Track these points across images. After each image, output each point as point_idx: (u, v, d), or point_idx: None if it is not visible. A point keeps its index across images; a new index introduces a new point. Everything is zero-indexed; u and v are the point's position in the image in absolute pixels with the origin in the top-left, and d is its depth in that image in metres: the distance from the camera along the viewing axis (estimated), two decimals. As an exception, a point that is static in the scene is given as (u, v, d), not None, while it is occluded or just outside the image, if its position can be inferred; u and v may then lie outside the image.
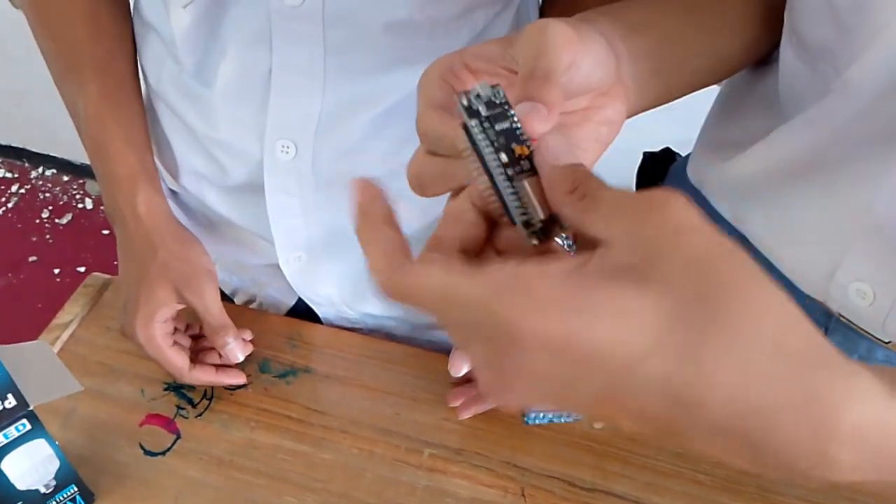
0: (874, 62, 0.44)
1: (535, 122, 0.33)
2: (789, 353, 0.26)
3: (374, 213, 0.32)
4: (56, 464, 0.60)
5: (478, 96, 0.32)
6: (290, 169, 0.66)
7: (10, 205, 2.21)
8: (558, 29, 0.36)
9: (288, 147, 0.65)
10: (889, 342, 0.57)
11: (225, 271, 0.84)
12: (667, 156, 0.73)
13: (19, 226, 2.16)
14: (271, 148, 0.65)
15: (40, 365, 0.59)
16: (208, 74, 0.65)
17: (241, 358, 0.71)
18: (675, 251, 0.26)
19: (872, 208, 0.50)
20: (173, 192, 0.79)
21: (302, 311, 0.83)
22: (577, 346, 0.26)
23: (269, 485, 0.66)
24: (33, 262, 2.06)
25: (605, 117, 0.40)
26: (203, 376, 0.70)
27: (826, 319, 0.59)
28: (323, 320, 0.83)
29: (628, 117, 0.44)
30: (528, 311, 0.26)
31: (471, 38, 0.64)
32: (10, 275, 2.03)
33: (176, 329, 0.72)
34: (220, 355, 0.71)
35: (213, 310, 0.69)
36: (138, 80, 0.73)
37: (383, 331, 0.84)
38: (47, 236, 2.13)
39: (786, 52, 0.54)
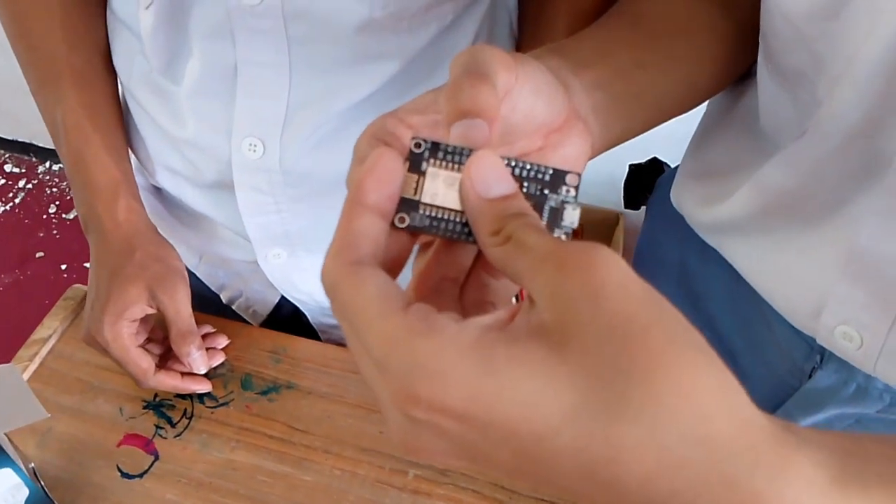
0: (845, 95, 0.41)
1: (476, 140, 0.29)
2: (710, 439, 0.23)
3: (368, 199, 0.28)
4: (25, 492, 0.58)
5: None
6: (258, 167, 0.65)
7: (17, 200, 2.21)
8: (491, 50, 0.32)
9: (255, 145, 0.63)
10: None
11: (210, 266, 0.82)
12: (654, 167, 0.70)
13: (26, 221, 2.15)
14: (238, 146, 0.64)
15: (7, 391, 0.58)
16: (176, 72, 0.63)
17: (204, 370, 0.69)
18: (594, 315, 0.24)
19: (854, 249, 0.47)
20: (156, 189, 0.77)
21: (288, 308, 0.82)
22: (481, 415, 0.24)
23: (249, 508, 0.64)
24: (40, 257, 2.06)
25: (564, 156, 0.37)
26: (167, 380, 0.68)
27: (822, 348, 0.56)
28: (309, 317, 0.82)
29: (597, 153, 0.41)
30: (427, 374, 0.24)
31: (439, 31, 0.61)
32: (17, 270, 2.03)
33: (149, 339, 0.70)
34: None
35: (182, 312, 0.67)
36: (116, 86, 0.72)
37: None
38: (54, 231, 2.12)
39: (763, 78, 0.51)
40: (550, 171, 0.30)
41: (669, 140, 0.90)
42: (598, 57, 0.43)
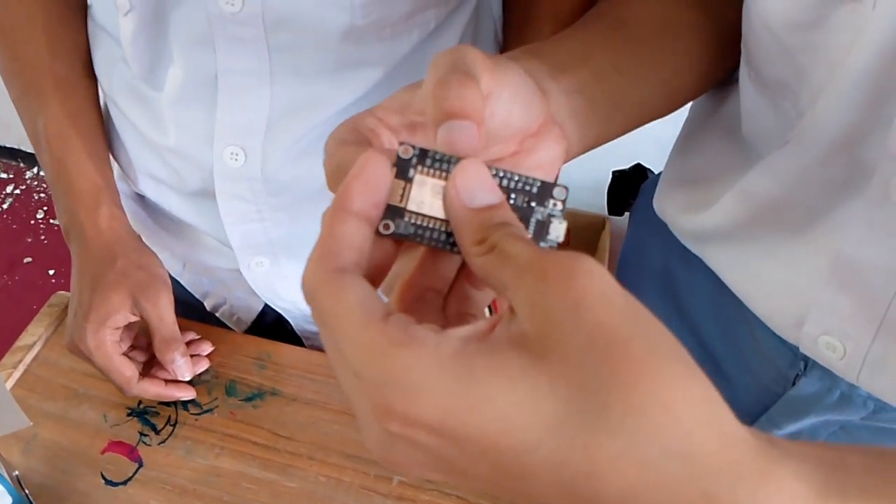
0: (828, 105, 0.41)
1: (464, 143, 0.29)
2: (691, 454, 0.23)
3: (354, 205, 0.28)
4: (9, 500, 0.58)
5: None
6: (241, 175, 0.65)
7: (5, 205, 2.20)
8: (473, 51, 0.32)
9: (237, 154, 0.63)
10: None
11: (194, 273, 0.82)
12: (637, 173, 0.70)
13: (14, 226, 2.14)
14: (220, 154, 0.64)
15: (-11, 399, 0.57)
16: (158, 78, 0.63)
17: (189, 376, 0.69)
18: (576, 326, 0.23)
19: (839, 259, 0.47)
20: (139, 196, 0.77)
21: (272, 315, 0.82)
22: (458, 428, 0.24)
23: (233, 515, 0.64)
24: (28, 262, 2.05)
25: (538, 161, 0.37)
26: (151, 388, 0.68)
27: (805, 356, 0.56)
28: (293, 324, 0.82)
29: (573, 156, 0.41)
30: (403, 387, 0.24)
31: (422, 38, 0.61)
32: (5, 276, 2.02)
33: (134, 347, 0.70)
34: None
35: (166, 319, 0.67)
36: (98, 93, 0.72)
37: None
38: (42, 237, 2.11)
39: (745, 85, 0.51)
40: (538, 184, 0.30)
41: (653, 146, 0.90)
42: (578, 60, 0.43)
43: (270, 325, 0.83)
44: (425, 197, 0.29)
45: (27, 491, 0.64)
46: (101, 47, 0.68)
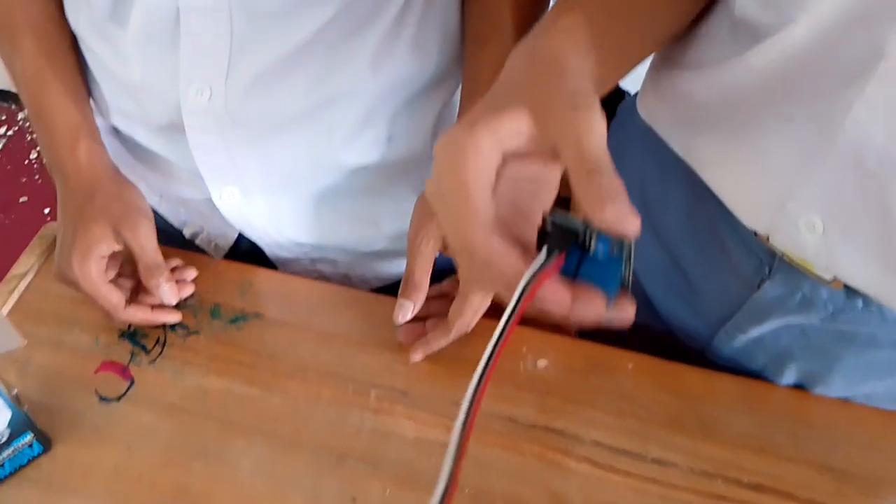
0: None
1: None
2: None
3: None
4: (8, 413, 0.62)
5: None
6: (207, 110, 0.67)
7: (-2, 147, 2.22)
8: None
9: (203, 90, 0.65)
10: (833, 280, 0.57)
11: (171, 204, 0.85)
12: (614, 94, 0.71)
13: (9, 167, 2.16)
14: (186, 91, 0.66)
15: (-17, 322, 0.61)
16: (121, 16, 0.65)
17: (175, 301, 0.72)
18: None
19: (838, 141, 0.48)
20: (115, 130, 0.79)
21: (247, 242, 0.85)
22: None
23: (220, 429, 0.67)
24: (24, 202, 2.07)
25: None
26: (138, 314, 0.71)
27: (770, 259, 0.58)
28: (266, 252, 0.85)
29: None
30: None
31: None
32: (1, 215, 2.05)
33: (120, 275, 0.73)
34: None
35: (147, 247, 0.69)
36: (73, 33, 0.73)
37: (327, 260, 0.86)
38: (36, 177, 2.13)
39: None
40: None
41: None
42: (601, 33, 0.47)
43: (246, 251, 0.86)
44: None
45: (26, 407, 0.67)
46: None
